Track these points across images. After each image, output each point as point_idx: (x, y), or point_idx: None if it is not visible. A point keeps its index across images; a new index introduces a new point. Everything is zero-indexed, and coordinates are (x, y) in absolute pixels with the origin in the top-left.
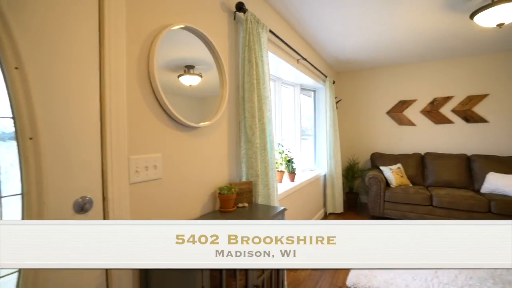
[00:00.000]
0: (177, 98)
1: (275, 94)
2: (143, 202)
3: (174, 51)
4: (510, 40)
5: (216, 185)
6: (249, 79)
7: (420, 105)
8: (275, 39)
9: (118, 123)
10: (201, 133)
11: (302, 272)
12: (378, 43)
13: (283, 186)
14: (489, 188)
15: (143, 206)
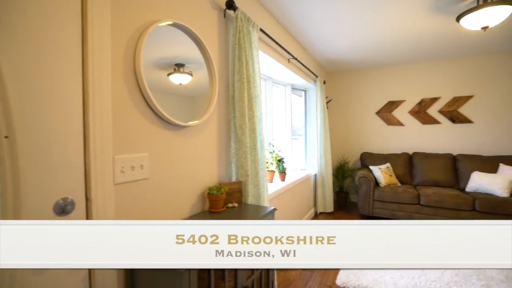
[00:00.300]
0: (166, 96)
1: (266, 94)
2: (129, 203)
3: (163, 49)
4: (494, 43)
5: (205, 185)
6: (239, 77)
7: (408, 106)
8: (266, 38)
9: (103, 122)
10: (190, 132)
11: (292, 272)
12: (368, 44)
13: (274, 186)
14: (474, 187)
15: (129, 207)
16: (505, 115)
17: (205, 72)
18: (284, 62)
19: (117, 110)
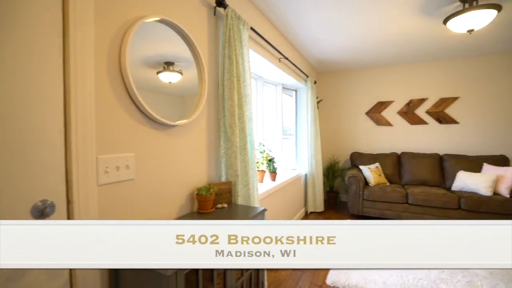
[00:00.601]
0: (156, 95)
1: (256, 93)
2: (113, 205)
3: (152, 47)
4: (479, 46)
5: (194, 185)
6: (229, 76)
7: (397, 106)
8: (256, 37)
9: (85, 120)
10: (179, 132)
11: (283, 272)
12: (358, 44)
13: (264, 186)
14: (459, 186)
15: (113, 209)
16: (488, 116)
17: (195, 70)
18: (275, 62)
19: (101, 109)
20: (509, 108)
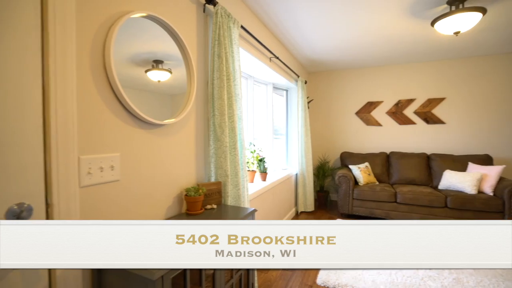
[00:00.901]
0: (144, 94)
1: (247, 92)
2: (97, 207)
3: (139, 44)
4: (465, 48)
5: (182, 186)
6: (218, 75)
7: (386, 107)
8: (247, 35)
9: (66, 119)
10: (166, 131)
11: (273, 273)
12: (348, 45)
13: (255, 186)
14: (446, 185)
15: (97, 211)
16: (473, 117)
17: (184, 69)
18: (266, 61)
19: (84, 107)
20: (493, 109)
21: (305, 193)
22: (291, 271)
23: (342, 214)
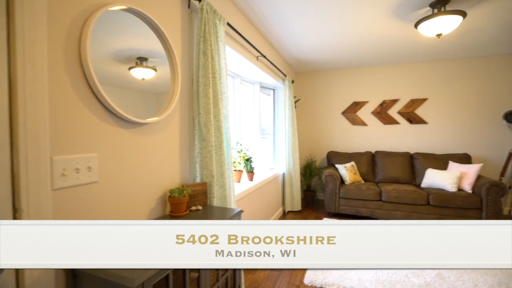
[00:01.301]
0: (127, 92)
1: (234, 91)
2: (72, 211)
3: (122, 40)
4: (446, 50)
5: (166, 187)
6: (204, 72)
7: (371, 107)
8: (233, 33)
9: (36, 117)
10: (149, 130)
11: (260, 273)
12: (335, 45)
13: (242, 186)
14: (428, 183)
15: (72, 215)
16: (453, 117)
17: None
18: (253, 60)
19: (57, 104)
20: (471, 110)
21: (292, 193)
22: (278, 272)
23: (328, 213)
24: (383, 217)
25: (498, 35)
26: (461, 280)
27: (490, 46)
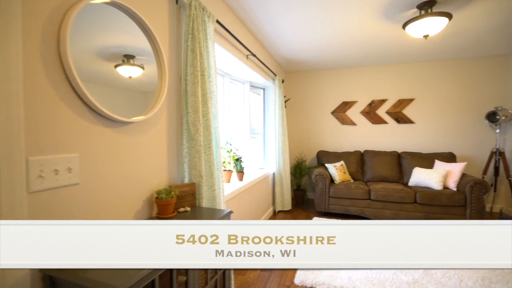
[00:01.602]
0: (113, 90)
1: (223, 90)
2: (52, 214)
3: (107, 36)
4: (433, 52)
5: (153, 188)
6: (192, 70)
7: (360, 106)
8: (223, 31)
9: (9, 116)
10: (135, 130)
11: (251, 274)
12: (325, 45)
13: (231, 186)
14: (415, 181)
15: (51, 219)
16: (439, 117)
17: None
18: (242, 58)
19: (33, 102)
20: (456, 110)
21: (282, 192)
22: (269, 272)
23: (318, 212)
24: (372, 215)
25: (481, 38)
26: (447, 276)
27: (474, 48)
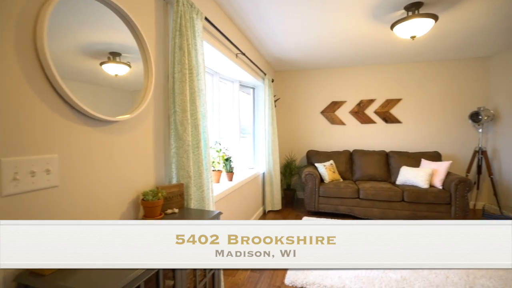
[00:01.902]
0: (98, 88)
1: (212, 89)
2: (29, 218)
3: (91, 32)
4: (420, 53)
5: (139, 190)
6: (180, 68)
7: (349, 106)
8: (212, 29)
9: None
10: (120, 129)
11: (241, 275)
12: (314, 45)
13: (221, 187)
14: (402, 180)
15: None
16: (425, 117)
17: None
18: (232, 57)
19: (7, 100)
20: (441, 110)
21: (272, 192)
22: (259, 273)
23: (308, 212)
24: (361, 214)
25: (464, 40)
26: (434, 273)
27: (458, 50)
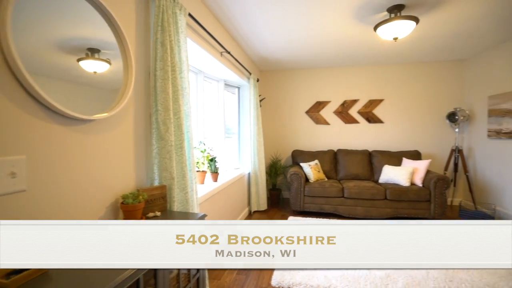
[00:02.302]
0: (76, 86)
1: (197, 88)
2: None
3: (67, 26)
4: (401, 55)
5: (118, 192)
6: (162, 65)
7: (333, 106)
8: (196, 26)
9: None
10: (97, 128)
11: (227, 278)
12: (298, 44)
13: (205, 188)
14: (385, 179)
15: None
16: (406, 117)
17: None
18: (217, 55)
19: None
20: (420, 110)
21: (258, 192)
22: (245, 275)
23: (294, 211)
24: (345, 213)
25: (442, 43)
26: (416, 269)
27: (436, 52)
